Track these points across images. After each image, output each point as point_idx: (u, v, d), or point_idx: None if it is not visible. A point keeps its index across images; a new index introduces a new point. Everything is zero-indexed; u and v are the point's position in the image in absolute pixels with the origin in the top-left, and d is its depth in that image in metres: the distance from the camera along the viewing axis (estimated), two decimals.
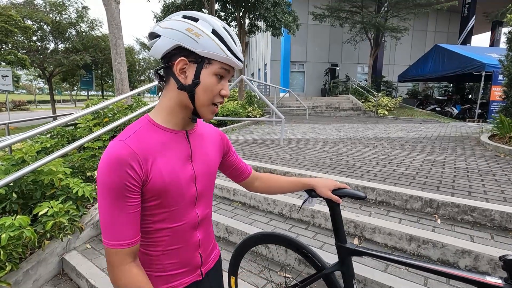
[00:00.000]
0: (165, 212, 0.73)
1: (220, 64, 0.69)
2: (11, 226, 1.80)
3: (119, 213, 0.65)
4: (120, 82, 5.07)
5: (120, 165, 0.64)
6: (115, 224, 0.65)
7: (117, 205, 0.65)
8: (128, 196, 0.65)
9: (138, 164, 0.66)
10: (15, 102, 36.85)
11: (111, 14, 4.88)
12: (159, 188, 0.70)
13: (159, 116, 0.74)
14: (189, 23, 0.67)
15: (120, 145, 0.66)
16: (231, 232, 2.43)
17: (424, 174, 3.31)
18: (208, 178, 0.83)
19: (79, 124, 3.80)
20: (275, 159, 4.08)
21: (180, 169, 0.74)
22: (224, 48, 0.67)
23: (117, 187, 0.64)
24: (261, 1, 10.08)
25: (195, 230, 0.81)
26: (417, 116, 12.01)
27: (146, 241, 0.76)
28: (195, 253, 0.82)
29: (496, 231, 2.14)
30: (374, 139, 6.16)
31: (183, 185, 0.74)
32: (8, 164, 2.32)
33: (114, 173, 0.64)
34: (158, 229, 0.74)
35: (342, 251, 1.09)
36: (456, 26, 18.77)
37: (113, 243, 0.66)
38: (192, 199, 0.78)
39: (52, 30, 15.37)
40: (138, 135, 0.69)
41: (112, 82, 23.64)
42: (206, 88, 0.70)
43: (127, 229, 0.66)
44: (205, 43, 0.66)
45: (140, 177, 0.67)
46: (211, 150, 0.86)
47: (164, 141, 0.72)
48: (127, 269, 0.67)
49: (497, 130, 5.68)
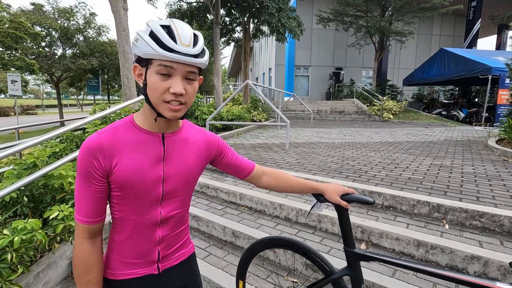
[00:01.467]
0: (127, 204, 0.80)
1: (158, 61, 0.71)
2: (23, 230, 1.84)
3: (85, 194, 0.76)
4: (127, 87, 5.14)
5: (87, 154, 0.73)
6: (81, 201, 0.76)
7: (84, 186, 0.75)
8: (92, 182, 0.75)
9: (103, 157, 0.74)
10: (23, 106, 37.47)
11: (119, 21, 4.97)
12: (122, 182, 0.76)
13: (139, 118, 0.81)
14: (137, 32, 0.73)
15: (94, 137, 0.75)
16: (238, 236, 2.44)
17: (431, 178, 3.29)
18: (181, 181, 0.85)
19: (88, 129, 3.86)
20: (281, 163, 4.09)
21: (148, 168, 0.79)
22: (154, 45, 0.69)
23: (84, 171, 0.74)
24: (265, 7, 10.16)
25: (156, 227, 0.85)
26: (422, 120, 11.92)
27: (113, 227, 0.85)
28: (153, 248, 0.86)
29: (505, 237, 2.12)
30: (379, 143, 6.14)
31: (148, 184, 0.79)
32: (20, 169, 2.36)
33: (83, 159, 0.74)
34: (122, 218, 0.82)
35: (351, 256, 1.10)
36: (461, 29, 18.66)
37: (77, 217, 0.77)
38: (157, 198, 0.82)
39: (60, 36, 15.65)
40: (114, 131, 0.77)
41: (118, 86, 23.94)
42: (151, 87, 0.73)
43: (86, 209, 0.76)
44: (140, 45, 0.71)
45: (104, 168, 0.75)
46: (193, 154, 0.88)
47: (137, 141, 0.79)
48: (81, 242, 0.78)
49: (504, 134, 5.62)
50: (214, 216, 2.77)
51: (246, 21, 11.49)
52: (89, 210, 0.76)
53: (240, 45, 13.27)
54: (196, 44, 0.74)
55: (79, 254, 0.78)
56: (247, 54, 12.06)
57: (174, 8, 11.99)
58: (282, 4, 10.60)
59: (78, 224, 0.77)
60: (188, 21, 11.93)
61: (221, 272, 2.06)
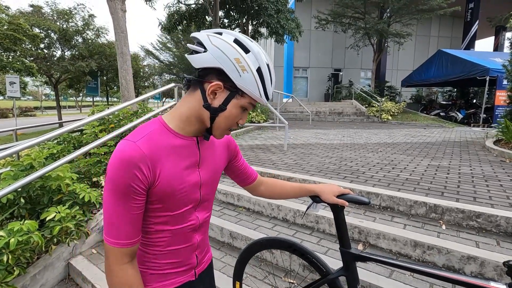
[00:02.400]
0: (168, 215, 0.75)
1: (250, 99, 0.72)
2: (20, 231, 1.83)
3: (122, 213, 0.66)
4: (126, 88, 5.14)
5: (130, 166, 0.65)
6: (117, 223, 0.67)
7: (121, 204, 0.66)
8: (133, 197, 0.67)
9: (147, 167, 0.67)
10: (22, 108, 37.37)
11: (117, 23, 4.98)
12: (165, 192, 0.71)
13: (173, 121, 0.75)
14: (239, 53, 0.68)
15: (132, 147, 0.66)
16: (235, 237, 2.44)
17: (428, 179, 3.29)
18: (212, 184, 0.85)
19: (85, 130, 3.85)
20: (279, 164, 4.09)
21: (187, 175, 0.75)
22: (261, 89, 0.71)
23: (124, 187, 0.65)
24: (264, 8, 10.19)
25: (195, 233, 0.84)
26: (421, 121, 11.95)
27: (145, 241, 0.78)
28: (192, 254, 0.85)
29: (502, 237, 2.13)
30: (378, 144, 6.15)
31: (188, 191, 0.76)
32: (17, 170, 2.36)
33: (122, 173, 0.64)
34: (159, 230, 0.76)
35: (347, 257, 1.10)
36: (459, 31, 18.75)
37: (113, 241, 0.67)
38: (195, 204, 0.80)
39: (59, 38, 15.64)
40: (150, 138, 0.70)
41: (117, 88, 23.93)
42: (229, 117, 0.72)
43: (128, 229, 0.68)
44: (247, 78, 0.69)
45: (148, 180, 0.68)
46: (218, 155, 0.88)
47: (174, 147, 0.73)
48: (123, 268, 0.69)
49: (502, 135, 5.64)
50: (212, 217, 2.77)
51: (245, 22, 11.52)
52: (130, 230, 0.68)
53: None
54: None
55: (125, 282, 0.69)
56: None
57: (173, 9, 12.02)
58: (280, 6, 10.64)
59: (116, 250, 0.68)
60: (187, 23, 11.96)
61: (218, 273, 2.06)
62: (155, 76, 30.39)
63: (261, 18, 10.69)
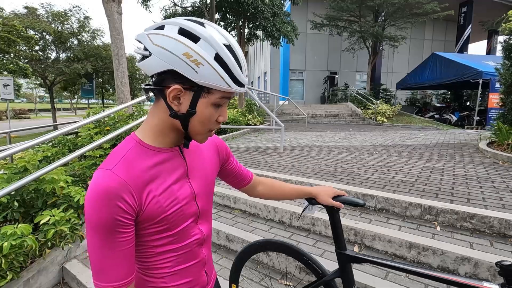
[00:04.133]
0: (168, 236, 0.68)
1: (220, 93, 0.61)
2: (13, 235, 1.81)
3: (110, 252, 0.58)
4: (121, 91, 5.12)
5: (109, 199, 0.56)
6: (106, 264, 0.58)
7: (107, 243, 0.57)
8: (120, 231, 0.58)
9: (130, 195, 0.59)
10: (16, 110, 36.99)
11: (113, 25, 4.97)
12: (157, 214, 0.64)
13: (147, 137, 0.66)
14: (187, 45, 0.56)
15: (108, 175, 0.58)
16: (231, 240, 2.43)
17: (423, 181, 3.32)
18: (207, 193, 0.78)
19: (81, 133, 3.83)
20: (275, 166, 4.10)
21: (178, 190, 0.68)
22: (226, 78, 0.59)
23: (107, 223, 0.56)
24: (260, 11, 10.25)
25: (201, 247, 0.77)
26: (416, 123, 12.07)
27: (147, 265, 0.70)
28: (201, 271, 0.78)
29: (495, 238, 2.15)
30: (373, 146, 6.19)
31: (183, 207, 0.69)
32: (10, 173, 2.34)
33: (103, 208, 0.56)
34: (162, 252, 0.69)
35: (342, 258, 1.11)
36: (453, 34, 19.02)
37: (104, 285, 0.59)
38: (194, 217, 0.73)
39: (54, 40, 15.57)
40: (127, 161, 0.61)
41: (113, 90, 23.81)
42: (203, 119, 0.63)
43: (119, 269, 0.60)
44: (205, 72, 0.57)
45: (134, 209, 0.60)
46: (208, 162, 0.80)
47: (156, 163, 0.65)
48: None
49: (495, 137, 5.71)
50: None
51: (241, 25, 11.56)
52: (123, 269, 0.60)
53: None
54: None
55: None
56: None
57: (169, 12, 12.04)
58: (276, 9, 10.71)
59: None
60: None
61: None
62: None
63: (257, 21, 10.74)
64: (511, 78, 5.55)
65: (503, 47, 6.00)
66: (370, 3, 13.90)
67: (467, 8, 16.64)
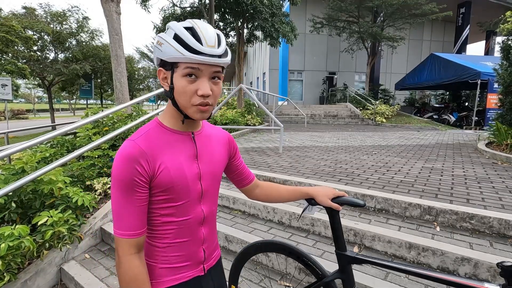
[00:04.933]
0: (172, 206, 0.79)
1: (184, 65, 0.71)
2: (11, 236, 1.80)
3: (128, 205, 0.72)
4: (120, 91, 5.11)
5: (130, 162, 0.71)
6: (123, 215, 0.72)
7: (126, 197, 0.72)
8: (136, 190, 0.72)
9: (146, 162, 0.73)
10: (14, 111, 36.87)
11: (112, 25, 4.96)
12: (166, 183, 0.76)
13: (165, 119, 0.81)
14: (159, 36, 0.73)
15: (131, 144, 0.73)
16: (231, 240, 2.42)
17: (422, 181, 3.32)
18: (213, 177, 0.87)
19: (79, 133, 3.81)
20: (274, 167, 4.09)
21: (186, 167, 0.80)
22: (180, 49, 0.69)
23: (127, 181, 0.71)
24: (259, 12, 10.24)
25: (201, 226, 0.86)
26: (414, 123, 12.08)
27: (153, 233, 0.81)
28: (199, 248, 0.87)
29: (495, 238, 2.15)
30: (372, 146, 6.19)
31: (189, 182, 0.80)
32: (8, 174, 2.32)
33: (124, 169, 0.71)
34: (165, 222, 0.80)
35: (342, 259, 1.10)
36: (451, 35, 19.08)
37: (120, 232, 0.72)
38: (197, 195, 0.83)
39: (52, 40, 15.50)
40: (148, 135, 0.77)
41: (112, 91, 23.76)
42: (179, 91, 0.73)
43: (133, 221, 0.73)
44: (166, 49, 0.71)
45: (148, 173, 0.73)
46: (217, 150, 0.91)
47: (171, 141, 0.79)
48: (130, 259, 0.73)
49: (494, 138, 5.72)
50: None
51: (240, 26, 11.56)
52: (136, 222, 0.73)
53: (234, 49, 13.32)
54: (220, 44, 0.74)
55: (130, 272, 0.73)
56: (241, 58, 12.12)
57: (168, 13, 12.02)
58: (275, 9, 10.71)
59: (124, 241, 0.72)
60: None
61: None
62: (150, 79, 30.28)
63: (256, 22, 10.74)
64: (509, 79, 5.57)
65: (501, 48, 6.02)
66: (369, 4, 13.93)
67: (465, 9, 16.70)
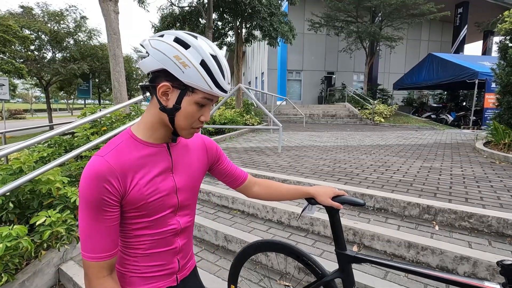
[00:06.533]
0: (145, 221, 0.76)
1: (203, 94, 0.70)
2: (8, 236, 1.78)
3: (97, 226, 0.67)
4: (118, 91, 5.09)
5: (98, 181, 0.66)
6: (92, 237, 0.67)
7: (95, 218, 0.67)
8: (106, 210, 0.68)
9: (116, 179, 0.68)
10: (11, 111, 36.67)
11: (110, 24, 4.93)
12: (138, 200, 0.72)
13: (140, 131, 0.76)
14: (178, 50, 0.67)
15: (99, 161, 0.68)
16: (230, 240, 2.42)
17: (421, 181, 3.33)
18: (190, 189, 0.84)
19: (77, 133, 3.79)
20: (273, 166, 4.09)
21: (160, 182, 0.76)
22: (209, 81, 0.68)
23: (95, 201, 0.66)
24: (258, 11, 10.23)
25: (177, 237, 0.84)
26: (413, 123, 12.12)
27: (125, 244, 0.78)
28: (173, 258, 0.85)
29: (493, 237, 2.16)
30: (371, 146, 6.20)
31: (163, 197, 0.76)
32: (5, 174, 2.30)
33: (92, 188, 0.66)
34: (139, 235, 0.77)
35: (342, 258, 1.10)
36: (449, 35, 19.15)
37: (90, 255, 0.68)
38: (173, 209, 0.80)
39: (50, 40, 15.43)
40: (118, 150, 0.72)
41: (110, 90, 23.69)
42: (186, 115, 0.71)
43: (104, 242, 0.68)
44: (191, 74, 0.67)
45: (119, 192, 0.69)
46: (195, 160, 0.87)
47: (144, 156, 0.74)
48: (102, 282, 0.69)
49: (491, 137, 5.75)
50: (206, 220, 2.74)
51: (239, 25, 11.54)
52: (107, 243, 0.69)
53: (232, 49, 13.32)
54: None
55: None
56: (240, 58, 12.11)
57: (166, 12, 11.98)
58: (274, 9, 10.70)
59: (94, 264, 0.68)
60: (180, 25, 11.93)
61: (212, 277, 2.04)
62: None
63: (255, 21, 10.72)
64: (507, 78, 5.59)
65: (499, 48, 6.04)
66: (367, 4, 13.95)
67: (463, 9, 16.76)
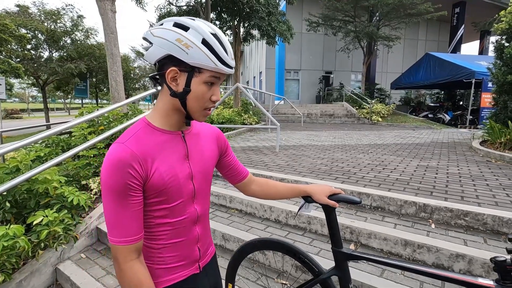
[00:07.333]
0: (166, 208, 0.78)
1: (210, 72, 0.72)
2: (5, 236, 1.78)
3: (123, 211, 0.70)
4: (115, 90, 5.07)
5: (122, 166, 0.68)
6: (119, 222, 0.70)
7: (121, 203, 0.69)
8: (131, 194, 0.70)
9: (138, 164, 0.70)
10: (8, 110, 36.45)
11: (107, 23, 4.92)
12: (159, 185, 0.74)
13: (155, 119, 0.79)
14: (179, 33, 0.69)
15: (121, 148, 0.70)
16: (227, 239, 2.42)
17: (417, 179, 3.35)
18: (204, 175, 0.87)
19: (74, 133, 3.78)
20: (271, 166, 4.09)
21: (178, 167, 0.79)
22: (213, 58, 0.70)
23: (120, 187, 0.68)
24: (256, 11, 10.23)
25: (195, 225, 0.86)
26: (410, 122, 12.17)
27: (148, 235, 0.80)
28: (194, 247, 0.87)
29: (489, 235, 2.18)
30: (368, 145, 6.23)
31: (181, 183, 0.79)
32: (2, 173, 2.29)
33: (116, 174, 0.68)
34: (160, 223, 0.79)
35: (339, 256, 1.11)
36: (446, 35, 19.23)
37: (117, 240, 0.70)
38: (190, 195, 0.83)
39: (46, 39, 15.34)
40: (138, 137, 0.74)
41: (107, 90, 23.58)
42: (197, 96, 0.74)
43: (130, 226, 0.71)
44: (194, 53, 0.69)
45: (141, 176, 0.71)
46: (207, 148, 0.90)
47: (161, 142, 0.77)
48: (131, 265, 0.71)
49: (488, 136, 5.79)
50: None
51: (237, 24, 11.54)
52: (134, 227, 0.71)
53: None
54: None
55: (135, 279, 0.71)
56: (238, 57, 12.10)
57: (164, 11, 11.96)
58: (272, 8, 10.70)
59: (122, 248, 0.70)
60: None
61: None
62: (146, 78, 30.10)
63: (253, 21, 10.72)
64: (503, 78, 5.63)
65: (495, 47, 6.08)
66: (365, 3, 13.98)
67: (460, 9, 16.84)
